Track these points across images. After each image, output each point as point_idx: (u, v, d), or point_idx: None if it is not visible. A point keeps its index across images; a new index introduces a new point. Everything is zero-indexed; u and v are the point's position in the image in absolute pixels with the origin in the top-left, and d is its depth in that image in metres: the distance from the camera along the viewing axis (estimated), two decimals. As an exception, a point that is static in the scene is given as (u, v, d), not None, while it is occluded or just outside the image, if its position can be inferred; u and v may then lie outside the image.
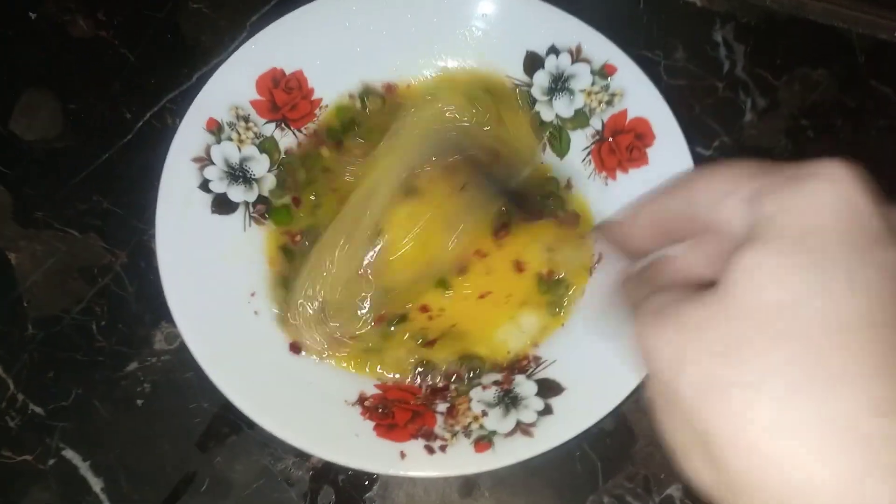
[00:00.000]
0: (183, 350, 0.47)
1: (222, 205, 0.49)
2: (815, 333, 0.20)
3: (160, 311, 0.50)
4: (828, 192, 0.21)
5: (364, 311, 0.47)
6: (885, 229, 0.21)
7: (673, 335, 0.23)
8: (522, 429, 0.43)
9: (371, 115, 0.53)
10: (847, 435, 0.19)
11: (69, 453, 0.48)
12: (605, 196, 0.51)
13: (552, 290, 0.49)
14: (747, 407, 0.20)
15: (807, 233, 0.21)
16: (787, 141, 0.57)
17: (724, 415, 0.21)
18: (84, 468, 0.48)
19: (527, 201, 0.50)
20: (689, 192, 0.26)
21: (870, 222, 0.21)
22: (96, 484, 0.48)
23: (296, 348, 0.47)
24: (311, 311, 0.47)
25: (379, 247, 0.47)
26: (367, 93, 0.53)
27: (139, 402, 0.49)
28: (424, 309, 0.49)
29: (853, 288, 0.20)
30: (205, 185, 0.49)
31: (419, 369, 0.47)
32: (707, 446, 0.21)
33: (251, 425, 0.47)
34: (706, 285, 0.23)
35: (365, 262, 0.47)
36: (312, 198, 0.51)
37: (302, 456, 0.48)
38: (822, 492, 0.19)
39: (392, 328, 0.48)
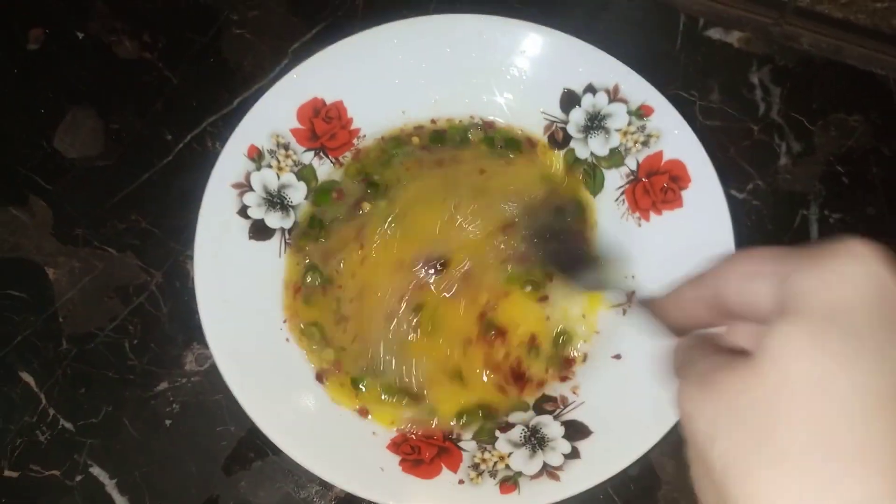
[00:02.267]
0: (213, 372, 0.48)
1: (259, 231, 0.50)
2: (839, 413, 0.20)
3: (192, 333, 0.51)
4: (853, 269, 0.22)
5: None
6: None
7: (708, 405, 0.23)
8: (549, 472, 0.43)
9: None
10: None
11: (96, 470, 0.49)
12: (637, 237, 0.51)
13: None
14: (768, 482, 0.21)
15: (835, 309, 0.22)
16: (822, 187, 0.56)
17: (746, 488, 0.21)
18: (110, 486, 0.49)
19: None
20: (718, 277, 0.27)
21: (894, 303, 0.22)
22: (121, 502, 0.48)
23: (322, 377, 0.48)
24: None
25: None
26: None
27: (167, 422, 0.50)
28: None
29: (881, 368, 0.21)
30: (243, 211, 0.49)
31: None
32: None
33: (276, 452, 0.47)
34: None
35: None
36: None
37: (326, 485, 0.48)
38: None
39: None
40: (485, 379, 0.48)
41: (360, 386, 0.47)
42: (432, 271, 0.49)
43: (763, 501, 0.21)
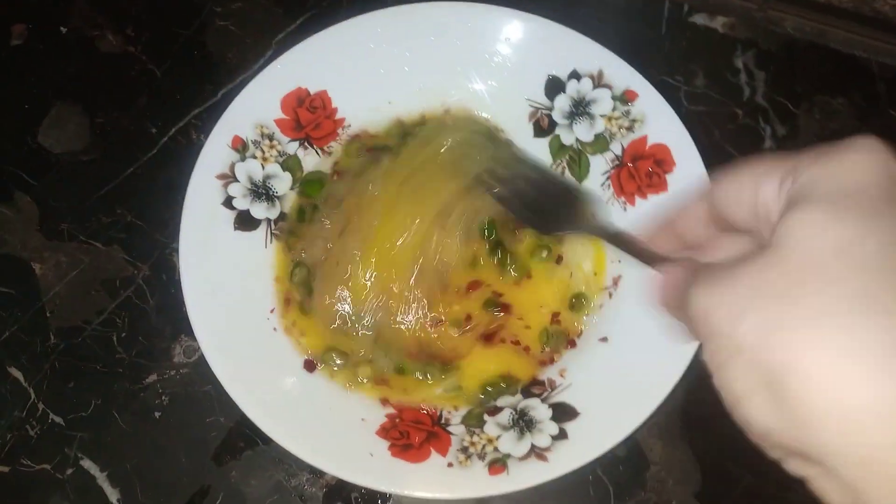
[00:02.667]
0: (201, 363, 0.48)
1: (245, 221, 0.50)
2: (868, 269, 0.21)
3: (180, 325, 0.51)
4: (865, 158, 0.23)
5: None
6: None
7: (728, 292, 0.24)
8: (537, 453, 0.43)
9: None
10: None
11: (87, 463, 0.49)
12: (623, 221, 0.51)
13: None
14: (809, 340, 0.21)
15: (849, 191, 0.23)
16: (807, 169, 0.57)
17: (787, 351, 0.22)
18: (101, 478, 0.49)
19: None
20: (715, 190, 0.27)
21: None
22: (113, 494, 0.48)
23: (311, 366, 0.48)
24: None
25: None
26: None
27: (157, 414, 0.50)
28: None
29: (892, 235, 0.22)
30: (228, 202, 0.49)
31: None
32: (772, 386, 0.22)
33: (267, 441, 0.47)
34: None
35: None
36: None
37: (316, 473, 0.48)
38: (886, 411, 0.20)
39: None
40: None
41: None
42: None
43: (810, 359, 0.21)
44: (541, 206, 0.48)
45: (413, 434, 0.45)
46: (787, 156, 0.25)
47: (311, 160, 0.52)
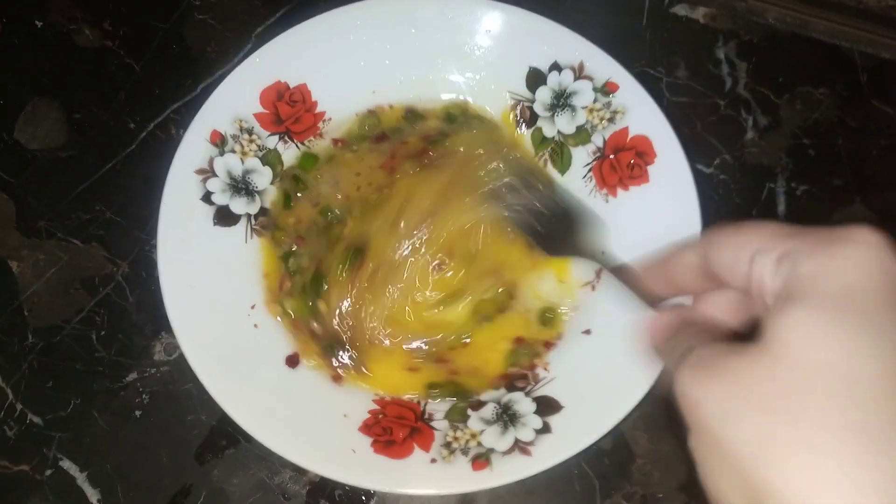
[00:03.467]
0: (182, 361, 0.47)
1: (224, 217, 0.49)
2: (870, 396, 0.21)
3: (160, 322, 0.50)
4: (864, 256, 0.22)
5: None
6: None
7: (718, 389, 0.23)
8: (520, 447, 0.43)
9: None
10: None
11: (67, 464, 0.48)
12: (605, 213, 0.50)
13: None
14: (808, 464, 0.21)
15: (848, 293, 0.22)
16: (788, 160, 0.57)
17: (784, 472, 0.21)
18: (81, 479, 0.48)
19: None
20: (710, 250, 0.27)
21: None
22: (93, 495, 0.48)
23: (293, 361, 0.47)
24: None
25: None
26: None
27: (137, 413, 0.49)
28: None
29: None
30: (207, 197, 0.49)
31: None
32: (759, 499, 0.22)
33: (249, 439, 0.47)
34: (737, 337, 0.24)
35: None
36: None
37: (299, 470, 0.48)
38: None
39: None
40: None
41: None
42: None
43: (803, 483, 0.21)
44: (550, 227, 0.48)
45: (396, 430, 0.45)
46: (784, 230, 0.25)
47: (290, 154, 0.52)
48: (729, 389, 0.23)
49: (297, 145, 0.52)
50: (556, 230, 0.48)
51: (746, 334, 0.26)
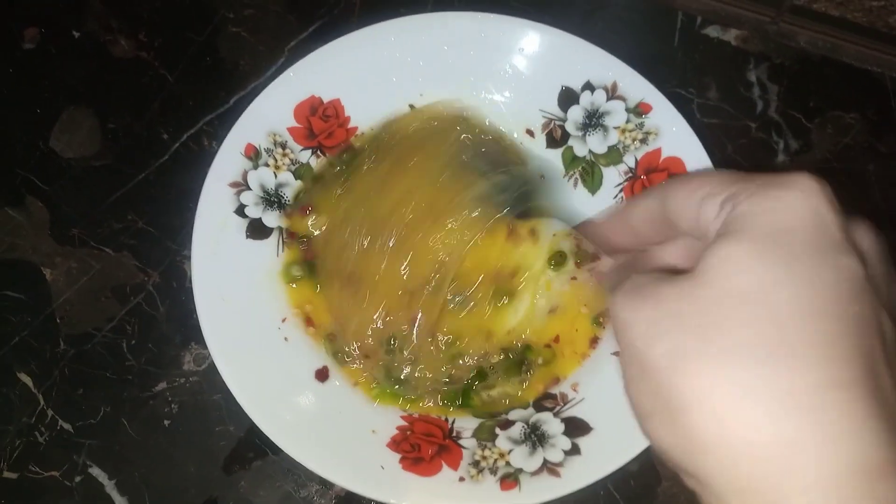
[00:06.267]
0: (211, 372, 0.48)
1: (257, 230, 0.49)
2: (779, 317, 0.23)
3: (190, 332, 0.51)
4: (798, 199, 0.24)
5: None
6: (845, 239, 0.24)
7: (649, 311, 0.25)
8: (549, 468, 0.43)
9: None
10: (798, 404, 0.22)
11: (95, 471, 0.49)
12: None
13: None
14: (715, 373, 0.23)
15: (777, 231, 0.24)
16: (819, 184, 0.56)
17: (693, 380, 0.23)
18: (109, 486, 0.49)
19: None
20: (667, 196, 0.29)
21: (832, 231, 0.24)
22: (121, 502, 0.48)
23: (323, 376, 0.48)
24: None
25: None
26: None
27: (166, 422, 0.50)
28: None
29: (814, 283, 0.23)
30: (240, 210, 0.49)
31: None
32: (672, 410, 0.24)
33: (276, 451, 0.47)
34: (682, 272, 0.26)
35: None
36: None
37: (326, 484, 0.48)
38: (770, 450, 0.22)
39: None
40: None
41: None
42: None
43: (712, 392, 0.23)
44: (519, 192, 0.48)
45: (424, 447, 0.45)
46: (735, 176, 0.27)
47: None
48: (657, 310, 0.25)
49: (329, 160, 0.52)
50: (525, 194, 0.48)
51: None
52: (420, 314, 0.46)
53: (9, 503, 0.48)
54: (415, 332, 0.46)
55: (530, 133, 0.54)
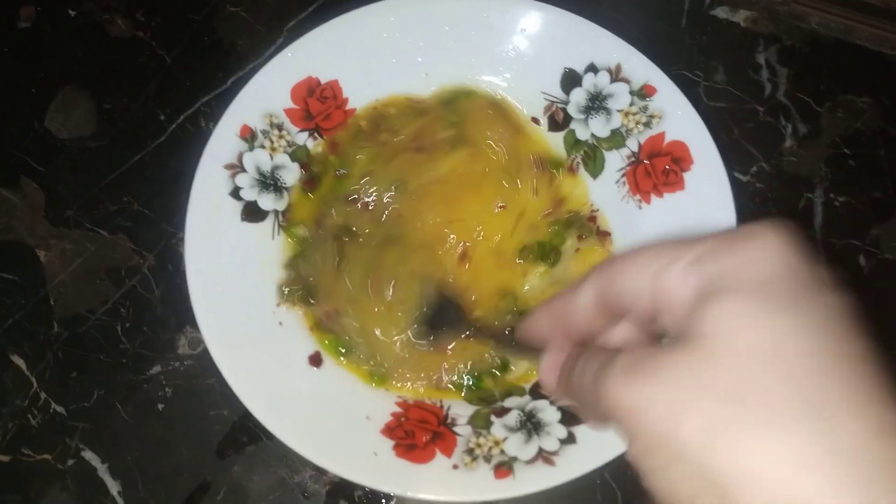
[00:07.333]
0: (206, 356, 0.47)
1: (252, 213, 0.49)
2: (801, 371, 0.22)
3: (185, 316, 0.50)
4: (772, 245, 0.23)
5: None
6: (818, 280, 0.23)
7: (660, 388, 0.23)
8: (544, 457, 0.42)
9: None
10: (857, 463, 0.20)
11: (88, 454, 0.48)
12: (638, 219, 0.49)
13: None
14: (760, 445, 0.21)
15: (767, 280, 0.23)
16: (827, 170, 0.55)
17: (738, 455, 0.21)
18: (102, 470, 0.48)
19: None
20: (611, 279, 0.27)
21: (807, 272, 0.23)
22: (114, 486, 0.48)
23: (316, 361, 0.47)
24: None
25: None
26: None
27: (160, 406, 0.49)
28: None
29: (817, 328, 0.22)
30: (235, 193, 0.48)
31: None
32: (722, 490, 0.22)
33: (270, 436, 0.46)
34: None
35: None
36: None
37: (319, 469, 0.47)
38: None
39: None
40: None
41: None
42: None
43: (763, 465, 0.21)
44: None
45: (418, 434, 0.44)
46: (677, 243, 0.25)
47: (320, 150, 0.51)
48: (671, 387, 0.23)
49: (325, 142, 0.51)
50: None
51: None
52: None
53: (1, 486, 0.48)
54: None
55: (535, 120, 0.52)
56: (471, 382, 0.47)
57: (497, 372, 0.47)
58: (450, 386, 0.47)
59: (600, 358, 0.26)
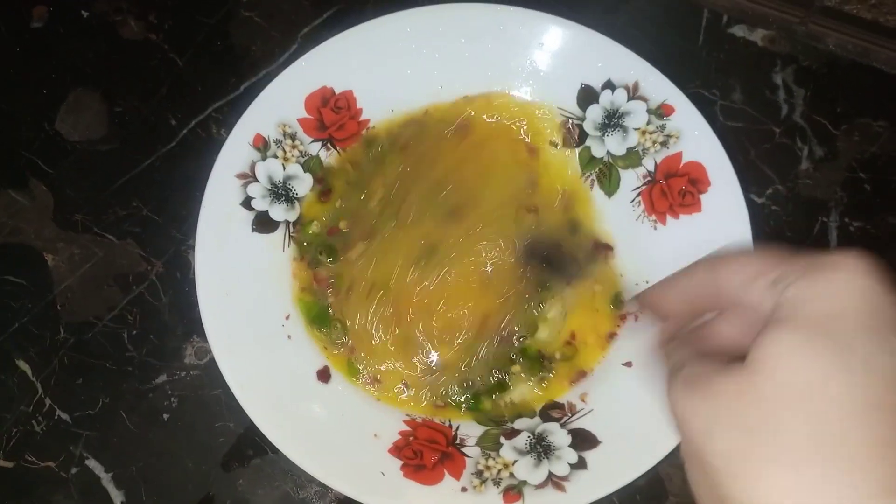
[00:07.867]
0: (212, 366, 0.47)
1: (263, 223, 0.48)
2: (833, 415, 0.22)
3: (192, 325, 0.50)
4: (849, 281, 0.24)
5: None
6: (893, 320, 0.23)
7: (703, 406, 0.25)
8: (554, 482, 0.42)
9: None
10: None
11: (92, 463, 0.48)
12: (652, 241, 0.49)
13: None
14: (769, 480, 0.22)
15: (828, 318, 0.23)
16: (843, 193, 0.55)
17: (748, 486, 0.23)
18: (106, 479, 0.48)
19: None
20: (719, 272, 0.29)
21: (886, 311, 0.23)
22: (117, 497, 0.47)
23: (325, 376, 0.47)
24: None
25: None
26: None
27: (165, 416, 0.49)
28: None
29: (867, 374, 0.22)
30: (247, 203, 0.48)
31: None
32: None
33: (276, 450, 0.46)
34: (736, 357, 0.25)
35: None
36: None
37: (325, 486, 0.47)
38: None
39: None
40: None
41: None
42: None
43: (763, 494, 0.22)
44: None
45: (427, 454, 0.44)
46: (781, 256, 0.26)
47: (332, 161, 0.51)
48: (712, 406, 0.24)
49: (338, 152, 0.51)
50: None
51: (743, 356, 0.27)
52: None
53: (3, 493, 0.47)
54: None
55: (553, 144, 0.52)
56: (470, 403, 0.47)
57: (497, 393, 0.47)
58: (451, 402, 0.47)
59: (682, 358, 0.28)
